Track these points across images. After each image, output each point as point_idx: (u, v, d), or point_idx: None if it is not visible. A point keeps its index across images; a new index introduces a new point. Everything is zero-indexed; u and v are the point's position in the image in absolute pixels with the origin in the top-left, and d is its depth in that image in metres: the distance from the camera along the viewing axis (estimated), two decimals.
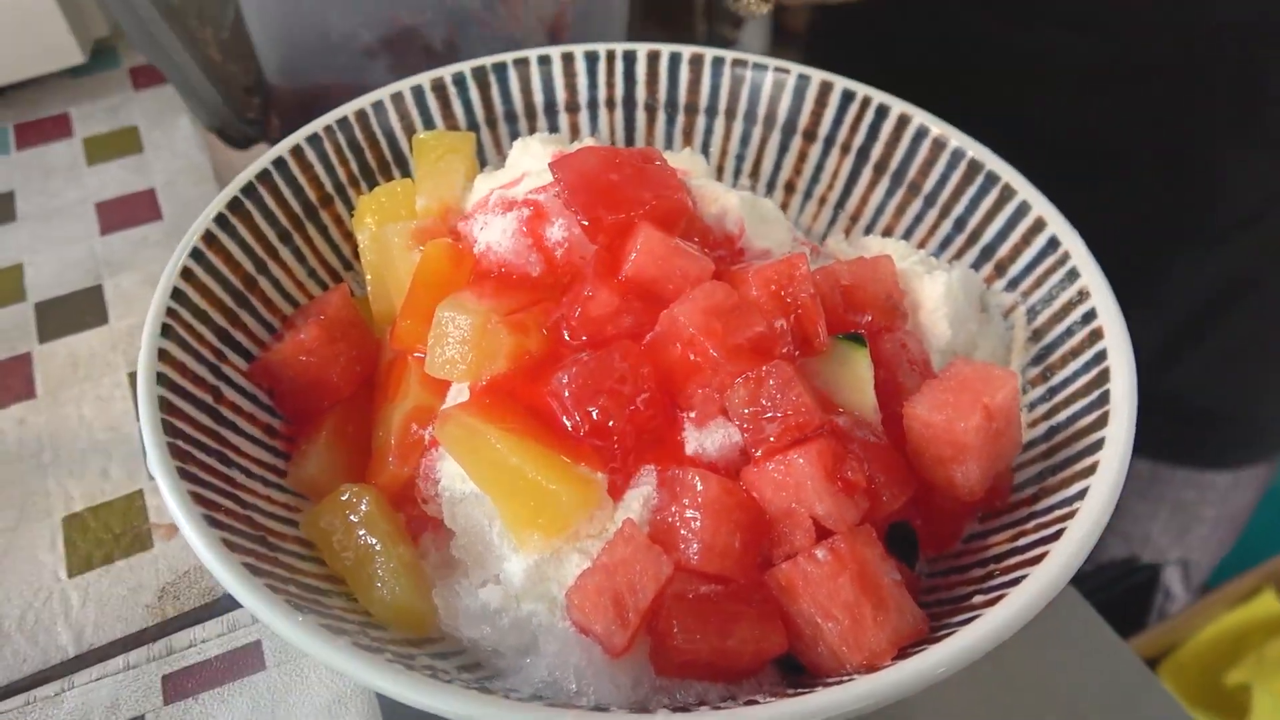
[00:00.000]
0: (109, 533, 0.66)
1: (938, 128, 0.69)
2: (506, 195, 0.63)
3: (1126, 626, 1.31)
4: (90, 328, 0.79)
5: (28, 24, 0.97)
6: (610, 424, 0.49)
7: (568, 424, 0.51)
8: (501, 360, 0.53)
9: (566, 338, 0.55)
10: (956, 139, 0.68)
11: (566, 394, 0.50)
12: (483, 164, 0.77)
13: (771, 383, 0.48)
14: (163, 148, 0.97)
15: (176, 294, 0.58)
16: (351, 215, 0.70)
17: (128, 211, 0.90)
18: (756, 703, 0.41)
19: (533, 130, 0.78)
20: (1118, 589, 1.36)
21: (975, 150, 0.68)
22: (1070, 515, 0.48)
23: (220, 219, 0.63)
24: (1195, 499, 1.22)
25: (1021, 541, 0.51)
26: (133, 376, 0.75)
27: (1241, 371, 1.13)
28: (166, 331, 0.56)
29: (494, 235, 0.59)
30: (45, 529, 0.66)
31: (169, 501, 0.47)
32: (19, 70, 0.99)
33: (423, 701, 0.40)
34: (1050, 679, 0.70)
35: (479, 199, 0.66)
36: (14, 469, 0.69)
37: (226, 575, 0.44)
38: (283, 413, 0.62)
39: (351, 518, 0.53)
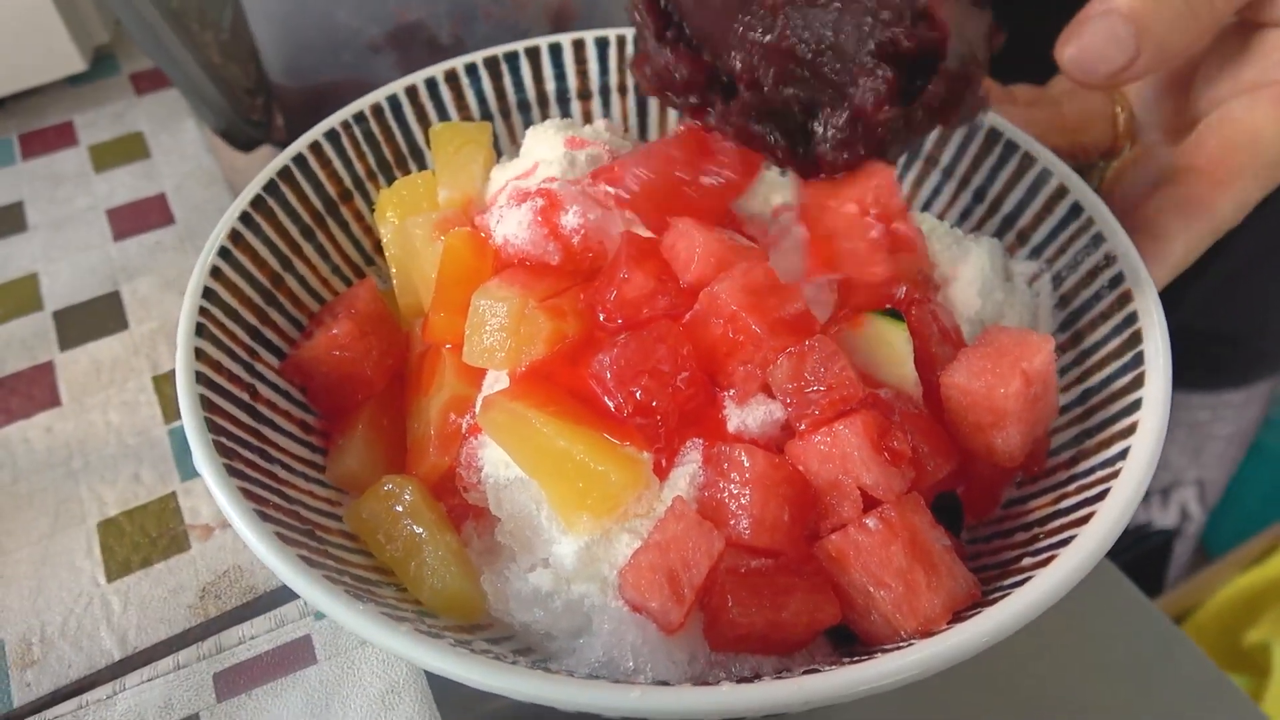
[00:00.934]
0: (145, 536, 0.66)
1: None
2: (520, 186, 0.63)
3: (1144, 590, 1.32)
4: (111, 333, 0.79)
5: (28, 33, 0.96)
6: (654, 403, 0.50)
7: (610, 405, 0.51)
8: (540, 345, 0.53)
9: (602, 320, 0.55)
10: None
11: (609, 375, 0.50)
12: (498, 153, 0.77)
13: (815, 356, 0.49)
14: (170, 152, 0.96)
15: (207, 293, 0.58)
16: (371, 210, 0.70)
17: (139, 217, 0.90)
18: (817, 671, 0.41)
19: (546, 118, 0.78)
20: (1131, 555, 1.38)
21: (992, 119, 0.68)
22: (1114, 475, 0.48)
23: (245, 217, 0.62)
24: (1209, 419, 1.24)
25: (1065, 504, 0.51)
26: (157, 380, 0.76)
27: (1246, 293, 1.16)
28: (201, 330, 0.56)
29: (510, 228, 0.59)
30: (80, 535, 0.66)
31: (220, 498, 0.47)
32: (21, 80, 0.99)
33: (491, 683, 0.40)
34: (1077, 638, 0.71)
35: (495, 190, 0.66)
36: (45, 477, 0.69)
37: (285, 569, 0.44)
38: (316, 408, 0.62)
39: (396, 508, 0.53)
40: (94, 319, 0.80)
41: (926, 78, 0.50)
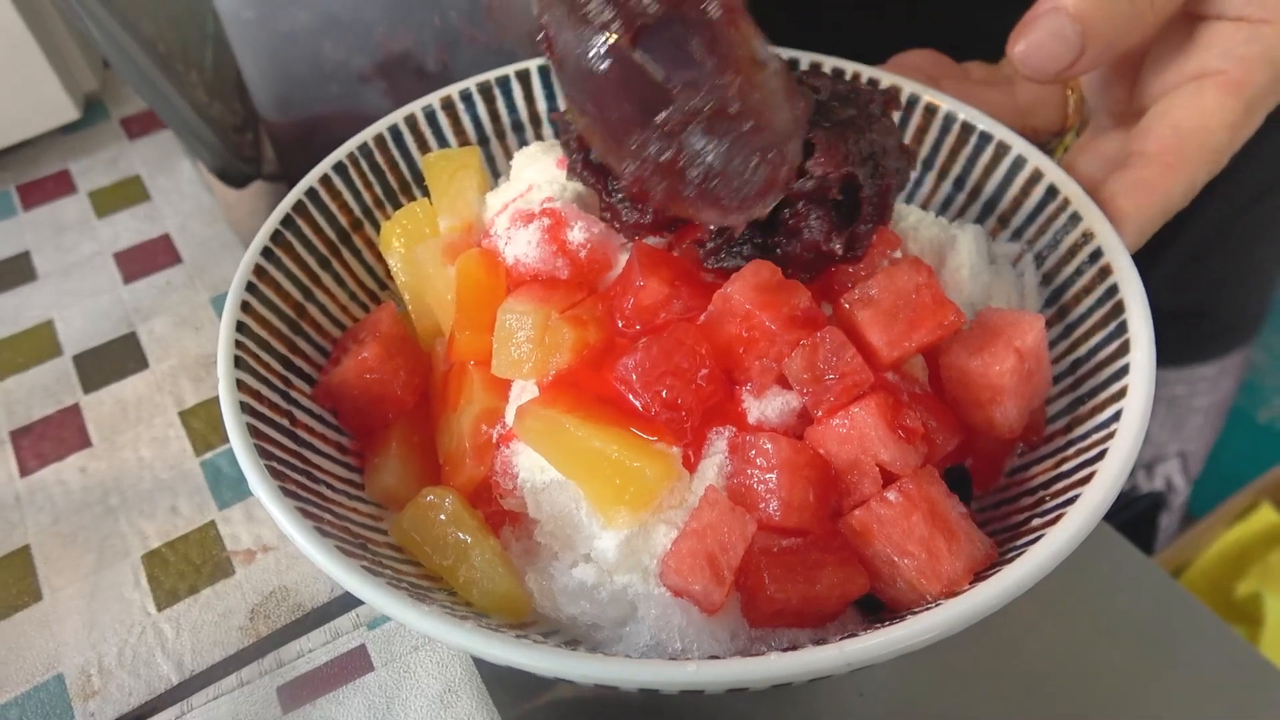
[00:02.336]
0: (189, 564, 0.68)
1: (927, 95, 0.73)
2: (523, 209, 0.66)
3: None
4: (133, 373, 0.81)
5: (20, 84, 0.99)
6: (678, 401, 0.53)
7: (638, 405, 0.54)
8: (566, 354, 0.56)
9: (621, 326, 0.58)
10: (947, 104, 0.72)
11: (635, 378, 0.53)
12: (495, 174, 0.80)
13: (827, 346, 0.52)
14: (170, 193, 0.99)
15: (240, 326, 0.60)
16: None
17: (147, 258, 0.92)
18: (855, 635, 0.45)
19: (540, 137, 0.81)
20: (1119, 521, 1.43)
21: (966, 113, 0.72)
22: (1110, 436, 0.52)
23: (266, 252, 0.65)
24: (1187, 393, 1.29)
25: (1066, 467, 0.55)
26: (183, 415, 0.78)
27: (1204, 273, 1.21)
28: (239, 363, 0.58)
29: (520, 247, 0.62)
30: (126, 568, 0.68)
31: (280, 519, 0.50)
32: (16, 132, 1.01)
33: (557, 669, 0.43)
34: (1080, 598, 0.74)
35: (493, 213, 0.69)
36: (85, 516, 0.72)
37: (352, 580, 0.47)
38: (348, 430, 0.65)
39: (440, 517, 0.56)
40: (114, 360, 0.83)
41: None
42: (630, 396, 0.54)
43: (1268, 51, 0.61)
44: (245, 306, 0.62)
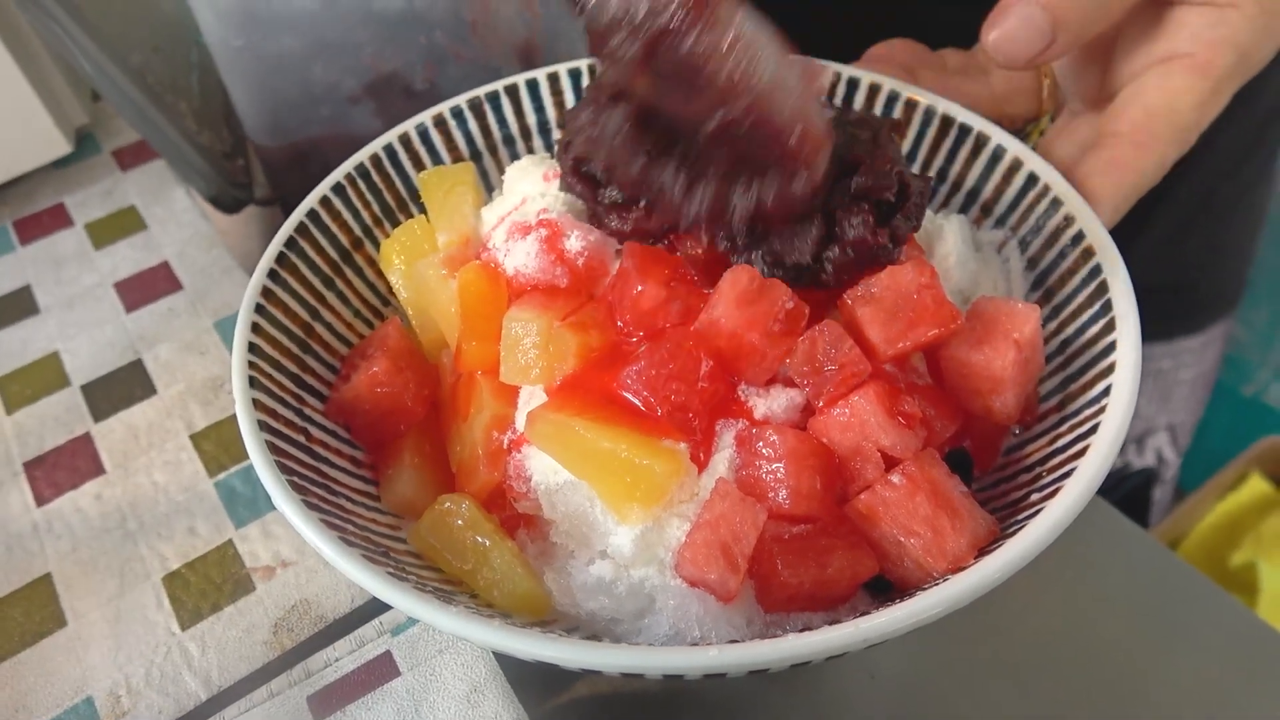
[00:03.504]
0: (210, 583, 0.70)
1: (908, 92, 0.75)
2: (519, 221, 0.67)
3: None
4: (141, 400, 0.83)
5: (11, 120, 1.00)
6: (684, 402, 0.55)
7: (642, 407, 0.56)
8: (571, 359, 0.58)
9: (621, 328, 0.60)
10: (926, 99, 0.75)
11: (641, 382, 0.55)
12: (490, 188, 0.82)
13: (825, 339, 0.54)
14: (165, 222, 1.00)
15: (252, 347, 0.62)
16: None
17: (147, 287, 0.93)
18: (868, 614, 0.47)
19: (530, 150, 0.83)
20: (1114, 498, 1.45)
21: (945, 106, 0.74)
22: (1101, 411, 0.54)
23: (272, 274, 0.67)
24: (1172, 366, 1.32)
25: (1060, 443, 0.57)
26: (194, 438, 0.80)
27: (1180, 250, 1.24)
28: (253, 383, 0.60)
29: (520, 259, 0.64)
30: (148, 590, 0.70)
31: (305, 532, 0.52)
32: (9, 168, 1.02)
33: (585, 660, 0.45)
34: (1079, 572, 0.76)
35: (490, 228, 0.70)
36: (103, 541, 0.73)
37: (379, 586, 0.49)
38: (360, 444, 0.67)
39: (458, 523, 0.57)
40: (121, 388, 0.84)
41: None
42: (637, 401, 0.56)
43: (1232, 35, 0.63)
44: (255, 328, 0.63)
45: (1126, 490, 1.47)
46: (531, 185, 0.71)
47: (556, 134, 0.83)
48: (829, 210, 0.58)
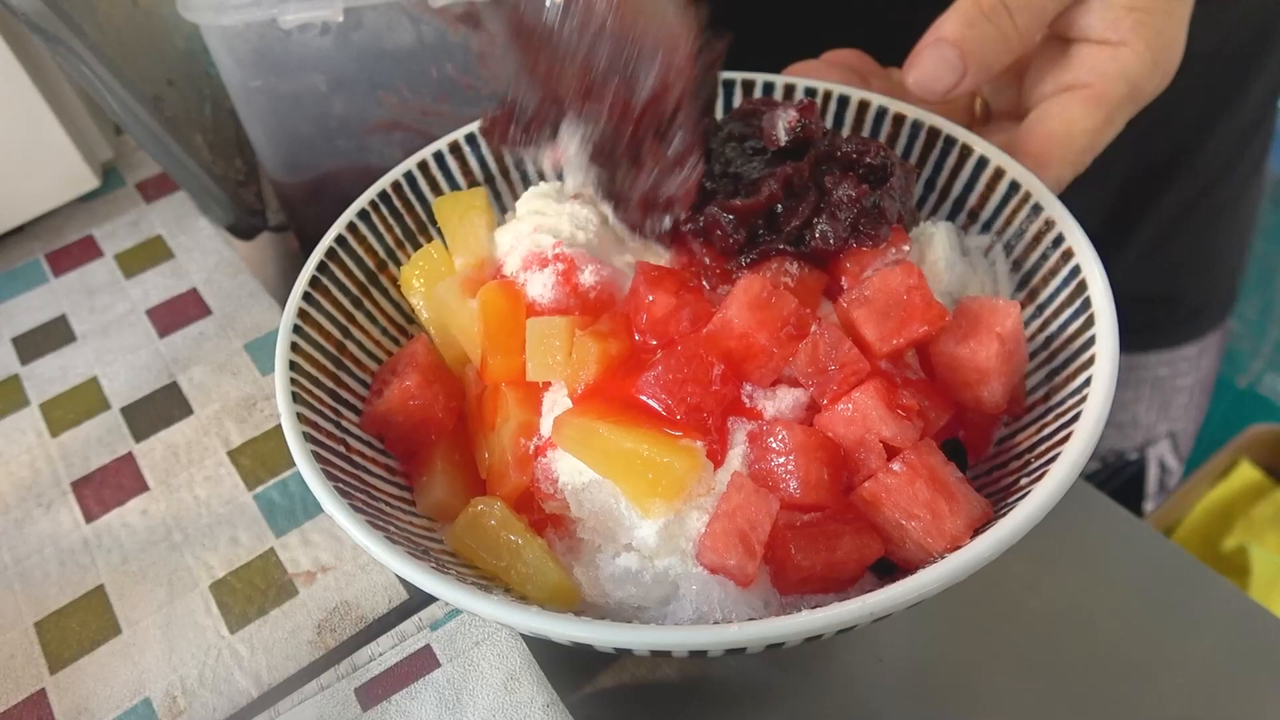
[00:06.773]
0: (255, 589, 0.74)
1: (894, 106, 0.80)
2: (536, 252, 0.71)
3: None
4: (179, 420, 0.87)
5: (43, 158, 1.05)
6: (699, 403, 0.59)
7: (660, 410, 0.60)
8: (593, 367, 0.62)
9: (638, 338, 0.65)
10: (913, 113, 0.79)
11: (659, 386, 0.60)
12: (503, 209, 0.87)
13: (826, 341, 0.59)
14: (191, 250, 1.05)
15: (293, 365, 0.67)
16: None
17: (178, 313, 0.98)
18: (874, 591, 0.51)
19: (540, 172, 0.88)
20: (1113, 485, 1.49)
21: (932, 120, 0.78)
22: (1082, 400, 0.59)
23: (306, 296, 0.71)
24: (1169, 374, 1.37)
25: (1046, 431, 0.61)
26: (231, 454, 0.84)
27: (1163, 261, 1.29)
28: (296, 398, 0.64)
29: (537, 289, 0.69)
30: (197, 598, 0.74)
31: (353, 532, 0.56)
32: (42, 203, 1.07)
33: (619, 640, 0.50)
34: (1075, 557, 0.80)
35: (503, 251, 0.75)
36: (151, 553, 0.77)
37: (425, 579, 0.53)
38: (394, 453, 0.71)
39: (491, 523, 0.62)
40: (159, 409, 0.89)
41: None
42: (656, 404, 0.60)
43: (1125, 70, 0.72)
44: (294, 347, 0.68)
45: (1122, 481, 1.51)
46: (541, 211, 0.76)
47: None
48: (818, 180, 0.66)
